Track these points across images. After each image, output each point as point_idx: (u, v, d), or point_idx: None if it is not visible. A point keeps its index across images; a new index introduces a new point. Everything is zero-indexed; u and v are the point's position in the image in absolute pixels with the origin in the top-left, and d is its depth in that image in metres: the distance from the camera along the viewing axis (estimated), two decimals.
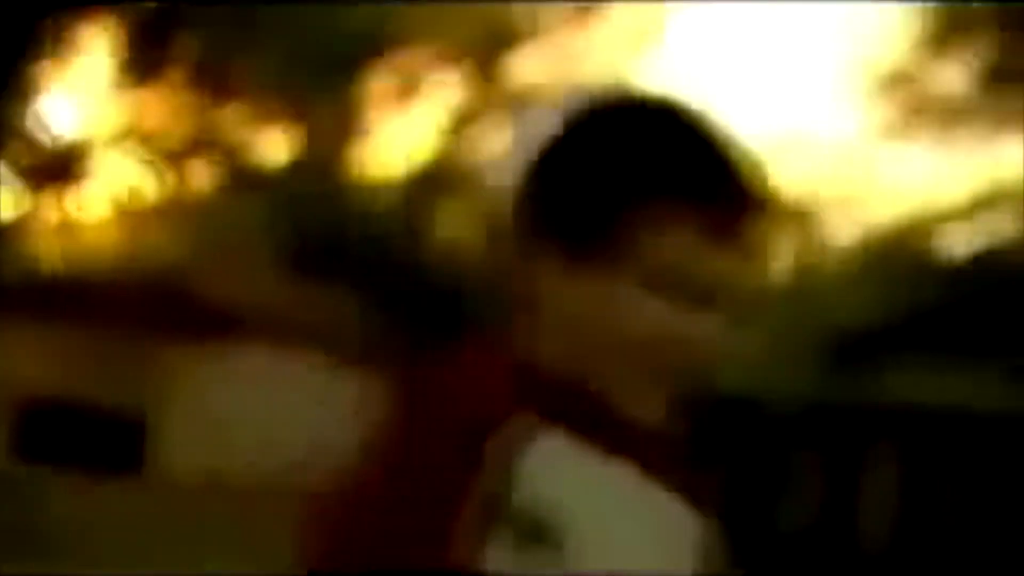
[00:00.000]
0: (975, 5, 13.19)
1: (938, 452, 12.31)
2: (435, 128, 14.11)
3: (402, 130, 14.08)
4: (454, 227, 14.00)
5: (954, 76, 13.50)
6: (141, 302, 13.20)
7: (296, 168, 13.91)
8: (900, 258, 13.52)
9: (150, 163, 13.95)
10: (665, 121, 1.36)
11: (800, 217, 13.74)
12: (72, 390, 13.28)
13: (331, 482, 1.28)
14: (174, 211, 14.20)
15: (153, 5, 12.63)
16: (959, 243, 13.68)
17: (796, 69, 13.88)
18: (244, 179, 14.02)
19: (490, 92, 13.75)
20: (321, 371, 13.55)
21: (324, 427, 10.31)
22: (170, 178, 14.03)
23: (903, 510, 12.36)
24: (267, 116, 13.67)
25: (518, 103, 13.68)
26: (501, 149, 1.36)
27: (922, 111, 13.61)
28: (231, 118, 13.62)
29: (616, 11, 13.50)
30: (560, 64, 13.57)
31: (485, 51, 13.46)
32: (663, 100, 1.38)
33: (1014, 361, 11.83)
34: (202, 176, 14.23)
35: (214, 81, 13.02)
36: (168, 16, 12.45)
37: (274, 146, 14.15)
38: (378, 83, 13.56)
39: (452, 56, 13.52)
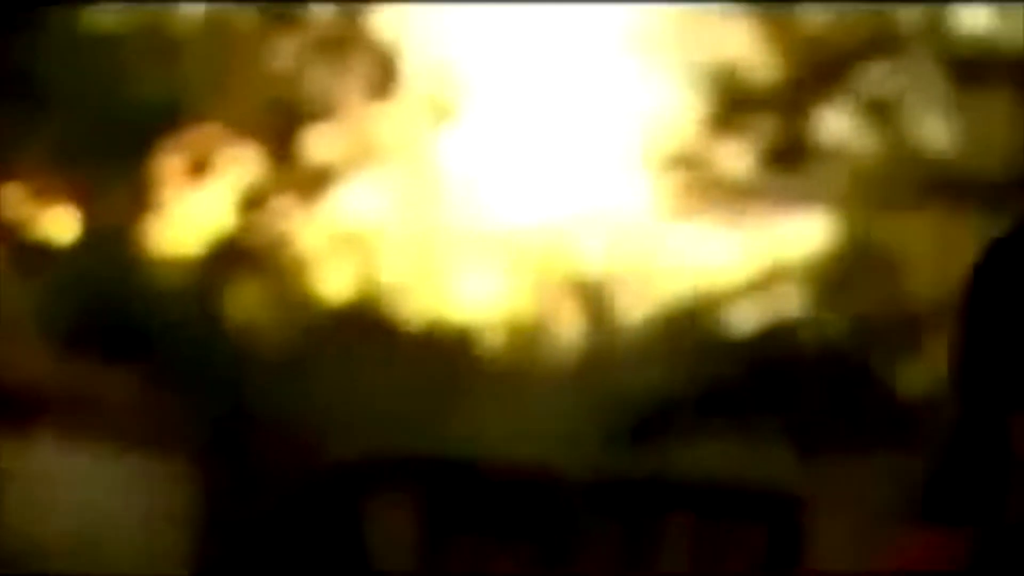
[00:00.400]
0: (754, 87, 13.68)
1: (729, 523, 12.55)
2: (229, 206, 13.95)
3: (195, 207, 13.88)
4: (248, 307, 13.81)
5: (737, 156, 13.94)
6: None
7: (84, 247, 13.58)
8: (689, 335, 13.82)
9: None
10: None
11: (593, 294, 13.95)
12: None
13: None
14: None
15: None
16: (746, 320, 14.07)
17: (588, 148, 14.12)
18: (27, 258, 13.62)
19: (285, 169, 13.68)
20: (110, 455, 13.17)
21: (113, 513, 10.01)
22: None
23: None
24: (52, 193, 13.33)
25: (315, 181, 13.64)
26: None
27: (707, 190, 14.01)
28: (12, 196, 13.25)
29: (412, 86, 13.61)
30: (357, 140, 13.58)
31: (279, 128, 13.40)
32: None
33: (800, 436, 12.15)
34: None
35: None
36: None
37: (60, 224, 13.80)
38: (170, 159, 13.36)
39: (246, 132, 13.41)
